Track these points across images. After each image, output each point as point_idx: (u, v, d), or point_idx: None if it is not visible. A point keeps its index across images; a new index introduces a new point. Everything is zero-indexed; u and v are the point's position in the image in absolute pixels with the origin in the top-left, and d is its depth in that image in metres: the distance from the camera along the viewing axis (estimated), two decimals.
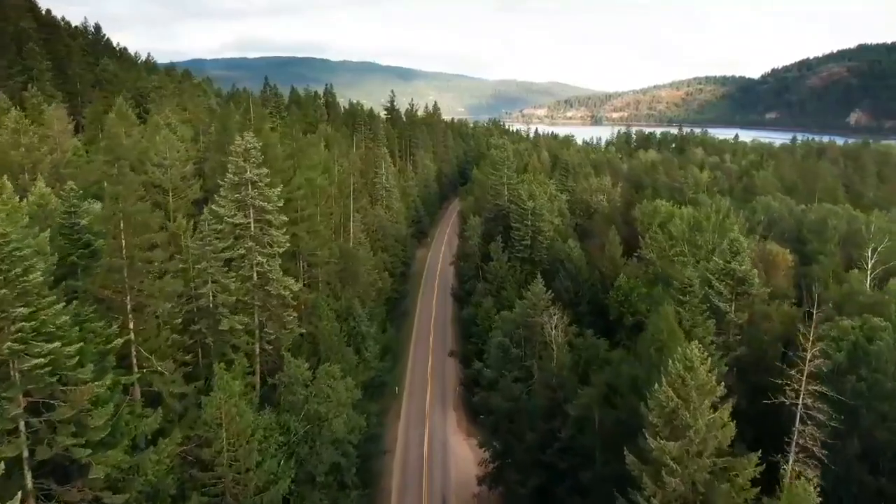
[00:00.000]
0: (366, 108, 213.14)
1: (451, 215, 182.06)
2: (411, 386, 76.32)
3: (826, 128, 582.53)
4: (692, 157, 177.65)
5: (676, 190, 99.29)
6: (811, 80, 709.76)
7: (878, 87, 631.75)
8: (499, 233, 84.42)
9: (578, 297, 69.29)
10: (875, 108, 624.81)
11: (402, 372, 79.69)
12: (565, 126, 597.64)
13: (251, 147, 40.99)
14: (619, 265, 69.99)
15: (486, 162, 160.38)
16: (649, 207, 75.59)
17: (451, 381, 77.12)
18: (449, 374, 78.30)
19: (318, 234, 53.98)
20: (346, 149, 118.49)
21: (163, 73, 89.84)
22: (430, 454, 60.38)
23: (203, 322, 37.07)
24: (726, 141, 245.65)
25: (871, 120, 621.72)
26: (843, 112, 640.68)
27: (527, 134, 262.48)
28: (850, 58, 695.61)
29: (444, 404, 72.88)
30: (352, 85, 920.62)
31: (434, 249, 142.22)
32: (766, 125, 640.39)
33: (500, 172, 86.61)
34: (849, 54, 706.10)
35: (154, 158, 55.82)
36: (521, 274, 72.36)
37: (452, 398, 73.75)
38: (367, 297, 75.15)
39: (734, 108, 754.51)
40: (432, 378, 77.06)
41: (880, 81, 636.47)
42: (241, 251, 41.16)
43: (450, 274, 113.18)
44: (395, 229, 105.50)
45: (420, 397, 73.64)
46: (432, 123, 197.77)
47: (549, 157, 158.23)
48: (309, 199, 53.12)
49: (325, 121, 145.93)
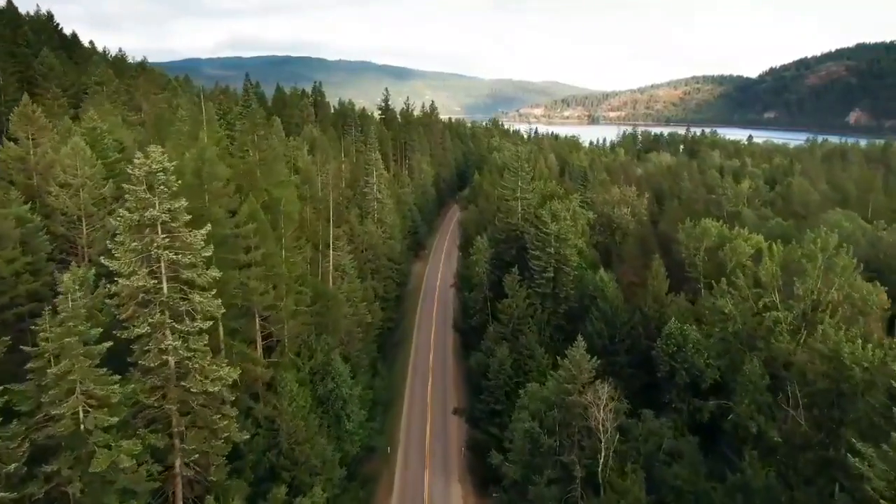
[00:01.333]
0: (359, 107, 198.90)
1: (451, 223, 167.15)
2: (406, 448, 61.45)
3: (825, 127, 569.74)
4: (709, 160, 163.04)
5: (712, 203, 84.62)
6: (809, 79, 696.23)
7: (878, 87, 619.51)
8: (511, 255, 69.60)
9: (615, 343, 54.78)
10: (874, 107, 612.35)
11: (395, 425, 64.95)
12: (563, 126, 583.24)
13: (157, 169, 26.18)
14: (666, 303, 55.47)
15: (489, 167, 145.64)
16: (697, 230, 60.94)
17: (454, 442, 62.21)
18: (452, 433, 63.39)
19: (278, 278, 39.29)
20: (332, 155, 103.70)
21: (104, 67, 74.47)
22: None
23: (63, 459, 22.34)
24: (738, 142, 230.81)
25: (870, 119, 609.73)
26: (843, 111, 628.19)
27: (528, 134, 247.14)
28: (849, 57, 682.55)
29: (447, 474, 58.04)
30: (347, 84, 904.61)
31: (432, 263, 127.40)
32: (765, 124, 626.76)
33: (512, 184, 71.76)
34: (847, 53, 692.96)
35: (60, 176, 40.95)
36: (542, 314, 57.63)
37: (457, 466, 59.07)
38: (353, 339, 60.45)
39: (732, 108, 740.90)
40: (432, 438, 62.32)
41: (879, 80, 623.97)
42: (143, 328, 26.38)
43: (450, 297, 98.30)
44: (389, 247, 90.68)
45: (417, 463, 58.84)
46: (429, 124, 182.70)
47: (556, 162, 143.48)
48: (267, 233, 38.38)
49: (314, 121, 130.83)
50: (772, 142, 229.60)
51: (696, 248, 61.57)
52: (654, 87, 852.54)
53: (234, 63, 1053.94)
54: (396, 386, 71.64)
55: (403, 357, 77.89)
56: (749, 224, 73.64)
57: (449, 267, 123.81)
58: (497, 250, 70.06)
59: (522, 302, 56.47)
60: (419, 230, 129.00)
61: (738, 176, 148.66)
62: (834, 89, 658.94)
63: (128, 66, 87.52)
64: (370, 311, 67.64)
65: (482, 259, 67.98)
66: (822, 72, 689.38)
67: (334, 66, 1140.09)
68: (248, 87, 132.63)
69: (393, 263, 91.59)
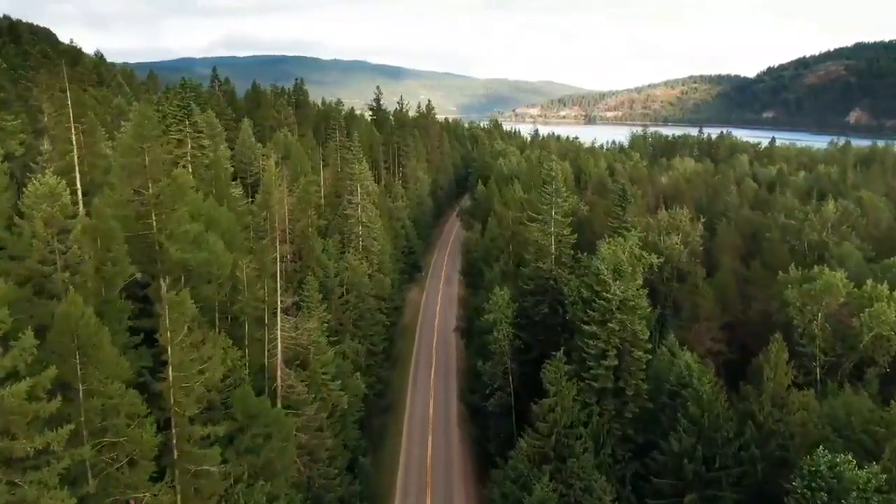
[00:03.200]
0: (352, 107, 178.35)
1: (450, 236, 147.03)
2: None
3: (825, 127, 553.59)
4: (739, 166, 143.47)
5: (791, 231, 64.86)
6: (808, 78, 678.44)
7: (878, 86, 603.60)
8: (541, 313, 49.62)
9: (714, 469, 35.22)
10: (875, 106, 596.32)
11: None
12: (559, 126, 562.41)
13: None
14: (792, 408, 35.84)
15: (495, 176, 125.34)
16: (817, 285, 41.24)
17: None
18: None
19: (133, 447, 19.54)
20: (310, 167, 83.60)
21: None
22: None
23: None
24: (757, 144, 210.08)
25: (871, 119, 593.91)
26: (843, 111, 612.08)
27: (531, 136, 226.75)
28: (848, 56, 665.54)
29: None
30: (342, 83, 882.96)
31: (430, 289, 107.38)
32: (764, 124, 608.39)
33: (541, 210, 51.79)
34: (846, 52, 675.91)
35: None
36: (600, 420, 37.76)
37: None
38: (318, 464, 40.51)
39: (730, 107, 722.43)
40: None
41: (879, 80, 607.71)
42: None
43: (453, 342, 78.47)
44: (377, 282, 70.73)
45: None
46: (426, 125, 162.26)
47: (570, 170, 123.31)
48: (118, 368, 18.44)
49: (292, 124, 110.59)
50: (794, 145, 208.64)
51: (812, 314, 41.92)
52: (650, 87, 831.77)
53: (228, 62, 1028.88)
54: (385, 486, 51.50)
55: (394, 439, 57.73)
56: (850, 265, 53.86)
57: (449, 294, 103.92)
58: (522, 304, 50.10)
59: (570, 403, 36.61)
60: (414, 249, 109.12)
61: (779, 185, 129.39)
62: (833, 89, 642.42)
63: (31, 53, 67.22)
64: (348, 398, 47.10)
65: (503, 318, 47.99)
66: (821, 71, 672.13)
67: (329, 65, 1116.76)
68: (218, 83, 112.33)
69: (382, 302, 71.69)
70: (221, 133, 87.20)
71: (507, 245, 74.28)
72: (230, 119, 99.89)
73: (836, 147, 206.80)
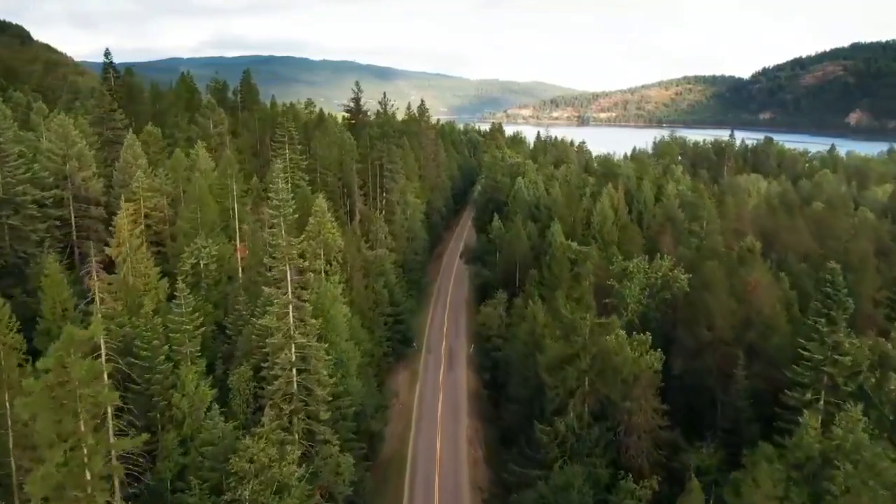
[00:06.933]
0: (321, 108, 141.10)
1: (450, 274, 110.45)
2: None
3: (824, 128, 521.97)
4: (827, 184, 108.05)
5: None
6: (805, 78, 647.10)
7: (877, 86, 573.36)
8: None
9: None
10: (875, 107, 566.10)
11: None
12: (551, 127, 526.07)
13: None
14: None
15: (517, 206, 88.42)
16: None
17: None
18: None
19: None
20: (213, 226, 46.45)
21: None
22: None
23: None
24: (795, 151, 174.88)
25: (871, 120, 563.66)
26: (842, 111, 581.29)
27: (545, 140, 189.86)
28: (845, 56, 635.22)
29: None
30: (331, 84, 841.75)
31: (427, 379, 70.26)
32: (761, 125, 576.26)
33: None
34: (843, 53, 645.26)
35: None
36: None
37: None
38: None
39: (725, 108, 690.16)
40: None
41: (879, 80, 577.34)
42: None
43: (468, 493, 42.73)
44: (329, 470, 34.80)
45: None
46: (418, 132, 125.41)
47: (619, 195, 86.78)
48: None
49: (224, 134, 73.73)
50: (854, 153, 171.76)
51: None
52: (644, 88, 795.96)
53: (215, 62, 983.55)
54: None
55: None
56: None
57: (454, 387, 67.70)
58: None
59: None
60: (403, 317, 72.75)
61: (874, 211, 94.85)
62: (832, 89, 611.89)
63: None
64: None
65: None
66: (818, 71, 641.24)
67: (318, 65, 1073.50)
68: (112, 74, 75.04)
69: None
70: (85, 150, 50.85)
71: (580, 374, 38.00)
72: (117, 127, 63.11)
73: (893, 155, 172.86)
